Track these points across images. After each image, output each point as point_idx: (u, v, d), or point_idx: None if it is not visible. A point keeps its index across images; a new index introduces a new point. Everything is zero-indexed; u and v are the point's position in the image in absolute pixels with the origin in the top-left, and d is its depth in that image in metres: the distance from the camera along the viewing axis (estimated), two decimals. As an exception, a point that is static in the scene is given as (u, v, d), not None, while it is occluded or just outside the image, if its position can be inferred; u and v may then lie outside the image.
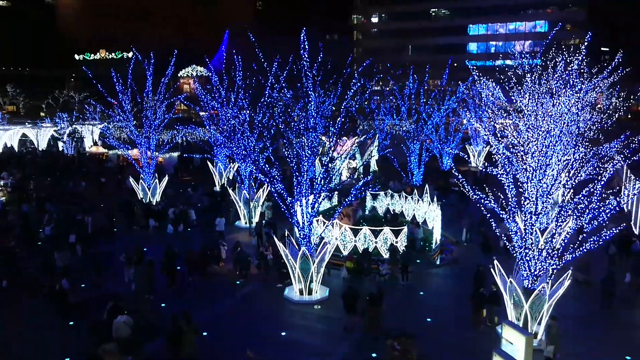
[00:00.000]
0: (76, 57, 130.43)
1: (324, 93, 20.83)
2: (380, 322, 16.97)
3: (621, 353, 16.07)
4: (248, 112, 29.30)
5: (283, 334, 17.36)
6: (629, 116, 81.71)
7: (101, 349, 14.11)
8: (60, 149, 61.62)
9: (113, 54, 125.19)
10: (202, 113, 37.53)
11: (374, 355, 15.89)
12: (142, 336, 16.39)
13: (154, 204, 32.64)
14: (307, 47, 19.91)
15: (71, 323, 17.77)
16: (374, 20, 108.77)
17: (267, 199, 30.65)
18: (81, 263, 22.77)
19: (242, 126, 29.21)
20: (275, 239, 21.48)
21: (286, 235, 21.32)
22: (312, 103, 20.02)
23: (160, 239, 26.15)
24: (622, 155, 16.58)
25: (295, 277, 20.14)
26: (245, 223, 30.04)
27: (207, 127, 36.52)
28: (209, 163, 40.62)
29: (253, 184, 30.20)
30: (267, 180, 20.56)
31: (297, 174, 19.98)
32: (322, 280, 20.66)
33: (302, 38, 19.96)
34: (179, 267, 21.80)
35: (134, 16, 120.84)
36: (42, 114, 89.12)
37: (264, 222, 28.69)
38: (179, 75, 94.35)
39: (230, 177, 39.42)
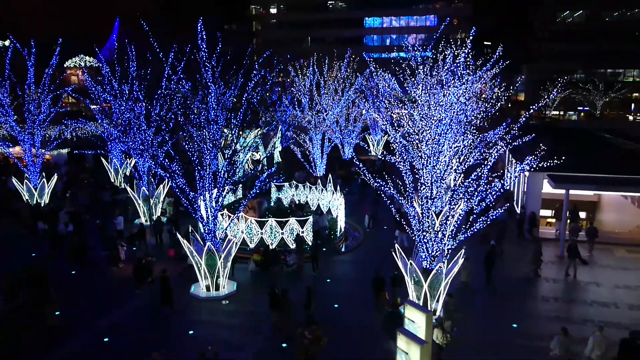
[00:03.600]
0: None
1: (225, 84, 20.39)
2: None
3: (509, 322, 17.62)
4: (144, 104, 27.94)
5: (191, 332, 16.93)
6: (509, 105, 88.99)
7: None
8: None
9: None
10: (93, 106, 35.20)
11: (284, 345, 16.03)
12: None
13: (42, 205, 30.22)
14: (204, 36, 19.38)
15: None
16: (273, 11, 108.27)
17: (168, 194, 29.62)
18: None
19: (138, 119, 27.82)
20: (179, 235, 20.82)
21: (190, 231, 20.74)
22: (212, 95, 19.56)
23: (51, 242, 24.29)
24: (504, 141, 18.03)
25: (201, 273, 19.69)
26: (146, 221, 28.79)
27: (100, 121, 34.34)
28: (102, 159, 38.35)
29: (152, 179, 28.98)
30: (168, 175, 19.85)
31: (199, 167, 19.48)
32: (229, 275, 20.45)
33: (199, 27, 19.39)
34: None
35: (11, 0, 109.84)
36: None
37: (164, 219, 27.66)
38: (65, 65, 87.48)
39: (127, 174, 37.55)
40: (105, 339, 16.38)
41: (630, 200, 29.63)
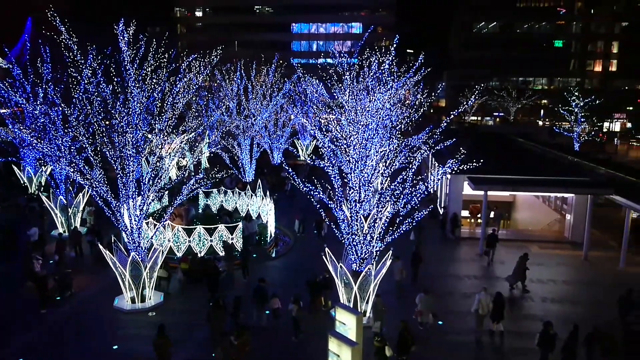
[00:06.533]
0: None
1: (148, 88, 19.68)
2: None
3: (435, 319, 18.27)
4: (61, 108, 26.38)
5: (115, 347, 16.16)
6: (432, 111, 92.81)
7: None
8: None
9: None
10: (2, 110, 32.84)
11: (214, 355, 15.67)
12: None
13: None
14: (126, 38, 18.64)
15: None
16: (199, 14, 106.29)
17: (89, 203, 28.14)
18: None
19: (53, 124, 26.21)
20: (101, 246, 19.81)
21: (113, 241, 19.81)
22: (135, 98, 18.84)
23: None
24: (427, 145, 18.75)
25: (125, 285, 18.86)
26: (64, 232, 27.16)
27: (10, 127, 32.08)
28: (14, 167, 35.80)
29: (70, 188, 27.40)
30: (88, 183, 18.85)
31: (122, 174, 18.67)
32: (156, 285, 19.75)
33: (120, 28, 18.61)
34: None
35: None
36: None
37: (84, 229, 26.26)
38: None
39: (43, 182, 35.31)
40: (20, 359, 15.32)
41: (542, 199, 31.80)
